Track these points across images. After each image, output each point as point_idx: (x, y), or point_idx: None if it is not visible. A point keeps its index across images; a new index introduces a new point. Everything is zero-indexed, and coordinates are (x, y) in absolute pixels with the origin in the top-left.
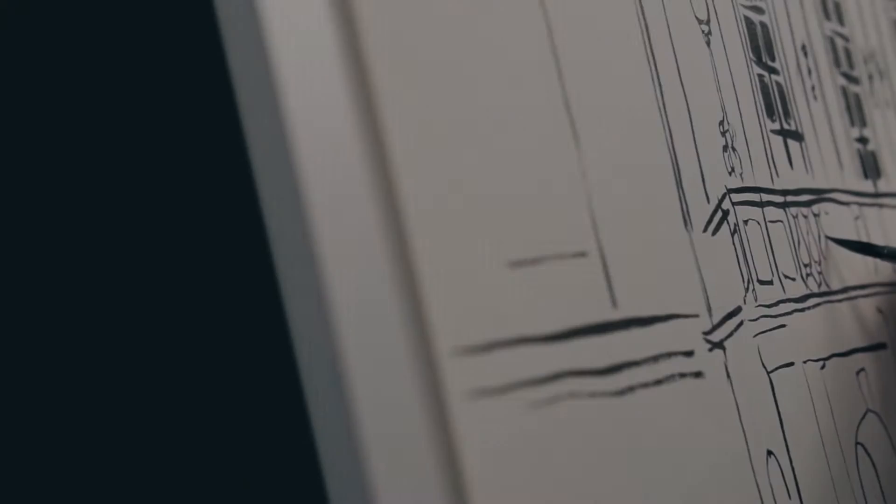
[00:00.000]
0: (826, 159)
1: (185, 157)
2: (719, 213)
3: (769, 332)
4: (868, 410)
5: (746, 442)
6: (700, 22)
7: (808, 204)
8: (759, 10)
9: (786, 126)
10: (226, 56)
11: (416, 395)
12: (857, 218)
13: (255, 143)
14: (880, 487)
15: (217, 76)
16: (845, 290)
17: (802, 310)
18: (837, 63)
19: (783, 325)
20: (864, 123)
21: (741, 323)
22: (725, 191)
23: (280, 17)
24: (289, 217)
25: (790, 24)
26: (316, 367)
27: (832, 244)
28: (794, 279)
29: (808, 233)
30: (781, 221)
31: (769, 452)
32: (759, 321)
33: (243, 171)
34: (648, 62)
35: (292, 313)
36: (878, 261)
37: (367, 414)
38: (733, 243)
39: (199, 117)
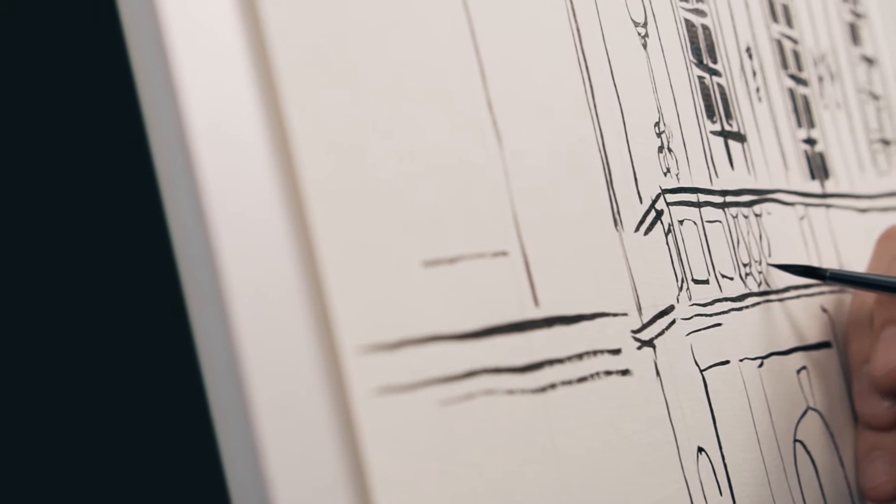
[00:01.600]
0: (770, 160)
1: (85, 159)
2: (652, 214)
3: (703, 331)
4: (809, 408)
5: (675, 439)
6: (636, 24)
7: (749, 204)
8: (700, 12)
9: (727, 127)
10: (128, 57)
11: (319, 391)
12: (801, 218)
13: (157, 143)
14: (819, 484)
15: (117, 76)
16: (787, 289)
17: (740, 309)
18: (785, 65)
19: (719, 324)
20: (812, 125)
21: (673, 321)
22: (660, 191)
23: (182, 17)
24: (189, 214)
25: (734, 27)
26: (216, 362)
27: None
28: (732, 279)
29: (748, 233)
30: (720, 221)
31: (700, 449)
32: (692, 320)
33: (144, 170)
34: (580, 64)
35: (193, 309)
36: (822, 259)
37: (265, 410)
38: (667, 243)
39: (99, 118)
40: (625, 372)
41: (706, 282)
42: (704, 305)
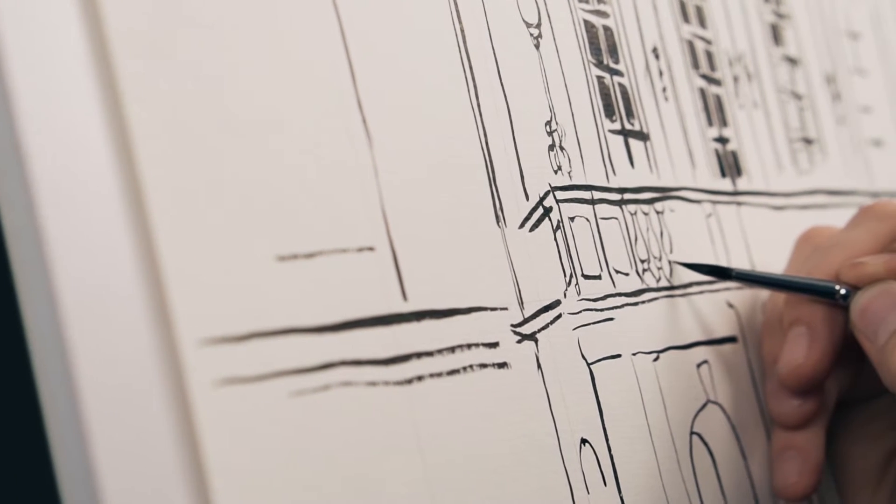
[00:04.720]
0: (675, 158)
1: None
2: (540, 210)
3: (592, 325)
4: (709, 401)
5: (556, 431)
6: (529, 25)
7: (650, 202)
8: (602, 14)
9: (628, 126)
10: None
11: (155, 384)
12: (709, 216)
13: None
14: (717, 475)
15: None
16: (690, 284)
17: (636, 304)
18: (696, 65)
19: (610, 319)
20: (724, 123)
21: (559, 316)
22: (549, 188)
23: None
24: (21, 207)
25: (640, 28)
26: (46, 356)
27: (679, 267)
28: (627, 274)
29: (647, 230)
30: (616, 219)
31: (584, 441)
32: (581, 314)
33: None
34: (463, 64)
35: (24, 304)
36: (732, 256)
37: (95, 401)
38: (555, 239)
39: None
40: (502, 365)
41: (597, 277)
42: (595, 300)
